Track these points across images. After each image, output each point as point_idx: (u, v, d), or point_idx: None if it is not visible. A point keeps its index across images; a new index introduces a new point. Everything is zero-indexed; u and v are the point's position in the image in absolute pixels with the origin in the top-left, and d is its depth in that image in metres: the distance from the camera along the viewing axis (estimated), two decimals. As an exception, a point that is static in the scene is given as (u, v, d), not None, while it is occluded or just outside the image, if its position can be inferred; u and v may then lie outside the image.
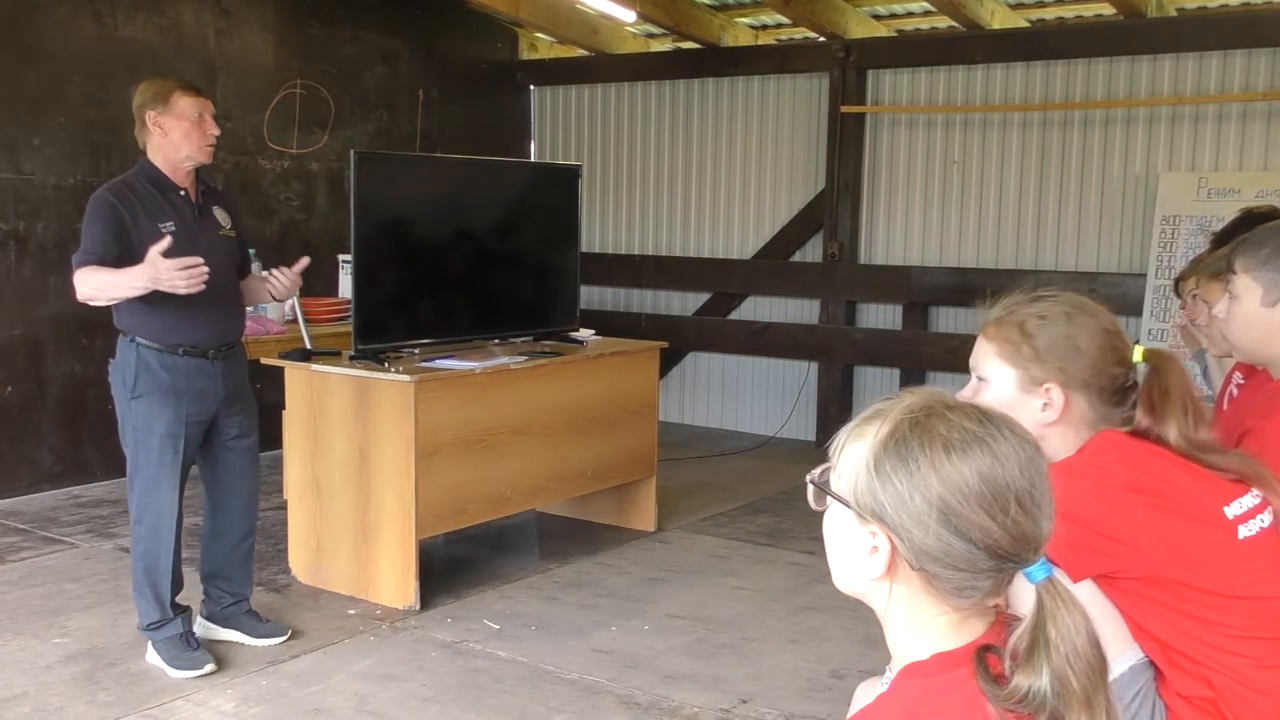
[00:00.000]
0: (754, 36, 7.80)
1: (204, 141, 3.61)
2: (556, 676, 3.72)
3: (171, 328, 3.58)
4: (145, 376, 3.58)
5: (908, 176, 7.07)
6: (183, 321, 3.58)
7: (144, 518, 3.65)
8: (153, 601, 3.67)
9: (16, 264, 5.69)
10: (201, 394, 3.66)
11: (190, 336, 3.62)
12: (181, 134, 3.58)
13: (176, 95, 3.58)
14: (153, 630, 3.70)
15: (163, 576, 3.67)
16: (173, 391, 3.60)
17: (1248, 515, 1.83)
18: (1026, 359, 1.90)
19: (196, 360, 3.64)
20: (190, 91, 3.61)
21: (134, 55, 6.01)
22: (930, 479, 1.24)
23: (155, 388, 3.58)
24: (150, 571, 3.67)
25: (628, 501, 5.40)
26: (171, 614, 3.69)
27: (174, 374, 3.60)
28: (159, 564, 3.66)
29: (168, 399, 3.59)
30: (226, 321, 3.75)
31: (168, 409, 3.59)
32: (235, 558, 3.91)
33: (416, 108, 7.50)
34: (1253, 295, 2.27)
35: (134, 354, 3.59)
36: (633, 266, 7.99)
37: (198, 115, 3.60)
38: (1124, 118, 6.41)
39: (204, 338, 3.65)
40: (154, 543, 3.65)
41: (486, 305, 4.96)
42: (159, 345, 3.59)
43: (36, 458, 5.83)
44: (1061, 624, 1.21)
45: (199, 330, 3.63)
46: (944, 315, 7.04)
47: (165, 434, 3.60)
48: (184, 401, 3.62)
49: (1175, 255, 6.02)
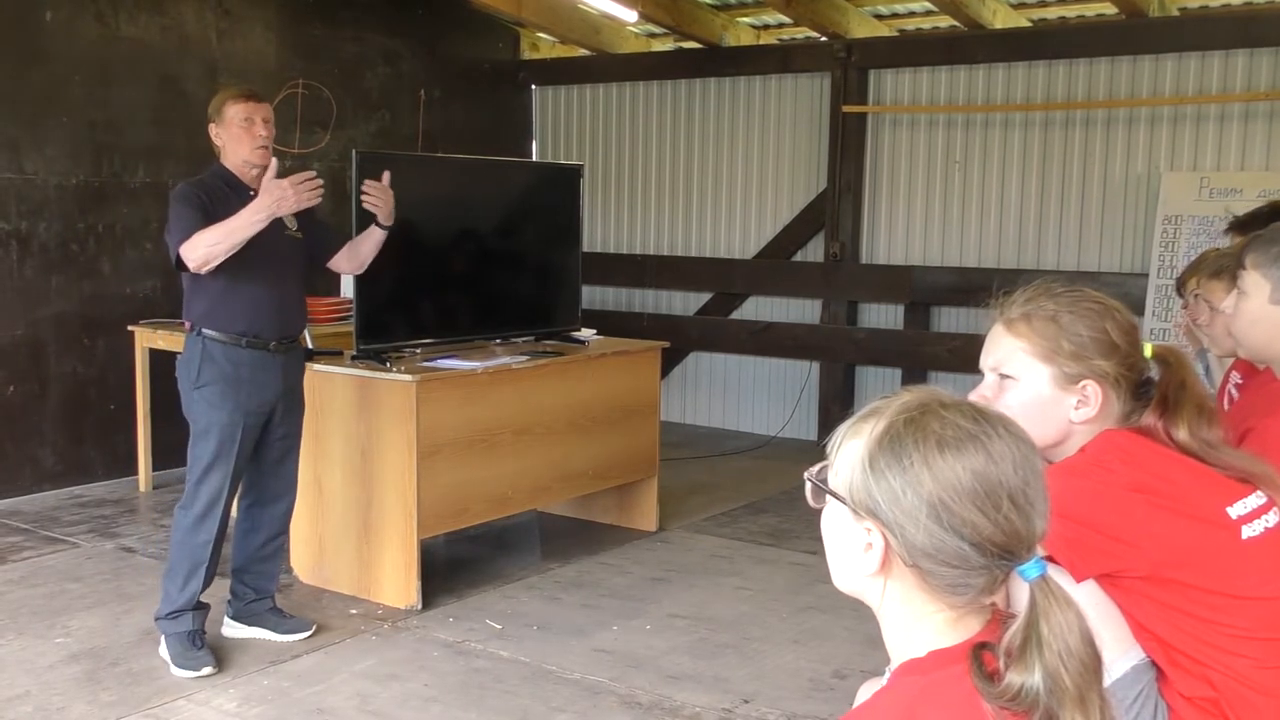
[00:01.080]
0: (755, 36, 7.80)
1: (254, 144, 3.74)
2: (558, 676, 3.72)
3: (237, 316, 3.69)
4: (209, 367, 3.69)
5: (909, 176, 7.07)
6: (248, 311, 3.70)
7: (192, 505, 3.72)
8: (181, 588, 3.71)
9: (19, 264, 5.69)
10: (262, 386, 3.75)
11: (254, 326, 3.73)
12: (233, 140, 3.75)
13: (227, 105, 3.76)
14: (169, 620, 3.73)
15: (199, 566, 3.71)
16: (234, 382, 3.70)
17: (1252, 515, 1.83)
18: (1065, 356, 1.84)
19: (259, 352, 3.74)
20: (239, 99, 3.75)
21: (136, 55, 6.02)
22: (923, 476, 1.24)
23: (219, 378, 3.69)
24: (190, 558, 3.71)
25: (629, 501, 5.40)
26: (192, 605, 3.73)
27: (236, 365, 3.70)
28: (198, 553, 3.71)
29: (229, 389, 3.69)
30: (289, 315, 3.86)
31: (229, 399, 3.69)
32: (264, 554, 3.97)
33: (418, 108, 7.50)
34: (1261, 292, 2.26)
35: (199, 346, 3.70)
36: (634, 266, 8.00)
37: (245, 120, 3.73)
38: (1126, 117, 6.41)
39: (267, 328, 3.75)
40: (197, 532, 3.71)
41: (488, 305, 4.97)
42: (224, 336, 3.69)
43: (38, 457, 5.83)
44: (1054, 622, 1.21)
45: (262, 320, 3.74)
46: (946, 315, 7.04)
47: (226, 423, 3.69)
48: (244, 392, 3.71)
49: (1177, 255, 6.02)
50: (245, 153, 3.73)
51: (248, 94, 3.79)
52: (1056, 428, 1.87)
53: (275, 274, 3.73)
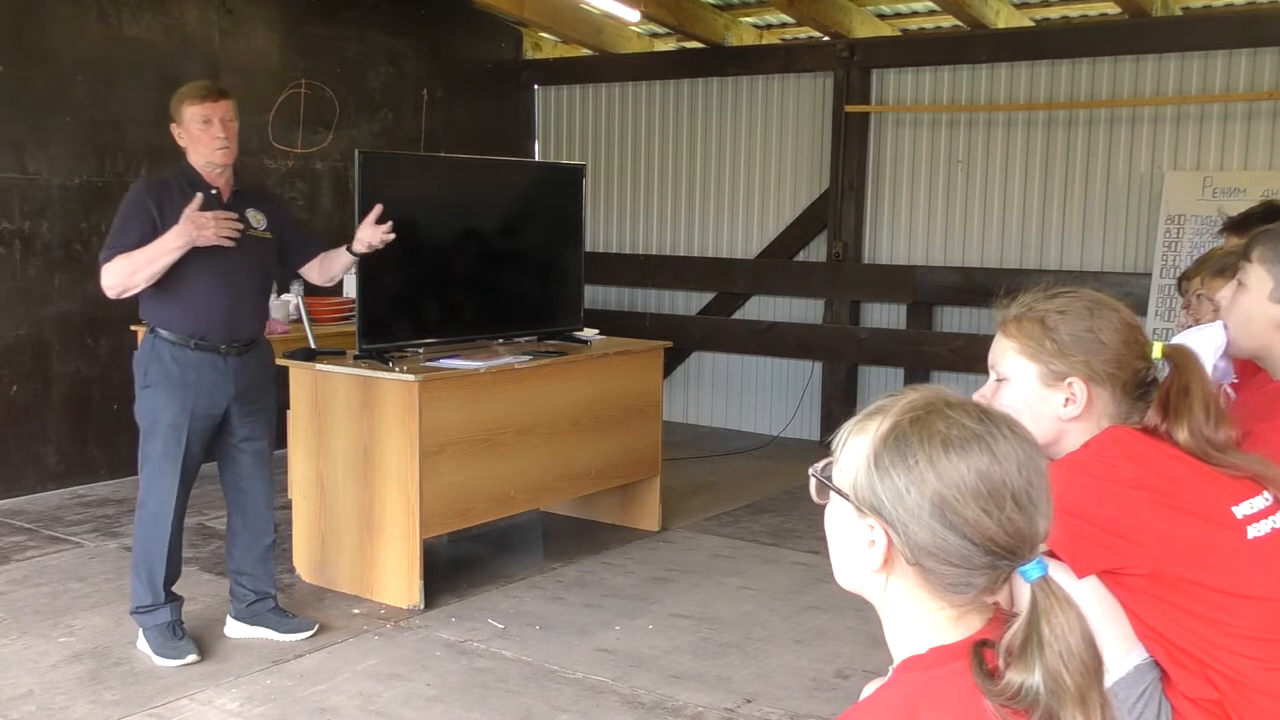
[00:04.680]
0: (758, 36, 7.79)
1: (214, 145, 3.70)
2: (561, 676, 3.73)
3: (187, 318, 3.67)
4: (155, 367, 3.68)
5: (912, 176, 7.06)
6: (198, 313, 3.67)
7: (147, 502, 3.75)
8: (146, 585, 3.76)
9: (22, 263, 5.70)
10: (211, 388, 3.72)
11: (204, 329, 3.69)
12: (193, 141, 3.71)
13: (185, 106, 3.71)
14: (143, 614, 3.77)
15: (158, 562, 3.74)
16: (180, 384, 3.68)
17: (1258, 516, 1.82)
18: (1049, 354, 1.88)
19: (208, 354, 3.71)
20: (196, 100, 3.70)
21: (139, 55, 6.03)
22: (928, 474, 1.25)
23: (163, 379, 3.67)
24: (147, 556, 3.75)
25: (632, 501, 5.40)
26: (163, 599, 3.76)
27: (183, 366, 3.68)
28: (156, 549, 3.74)
29: (174, 390, 3.67)
30: (243, 319, 3.81)
31: (174, 400, 3.67)
32: (253, 556, 3.96)
33: (421, 107, 7.50)
34: (1263, 287, 2.24)
35: (150, 345, 3.70)
36: (637, 266, 8.00)
37: (203, 121, 3.69)
38: (1129, 117, 6.40)
39: (217, 332, 3.72)
40: (153, 529, 3.74)
41: (491, 305, 4.97)
42: (174, 336, 3.68)
43: (42, 457, 5.84)
44: (1055, 622, 1.21)
45: (212, 322, 3.70)
46: (948, 315, 7.03)
47: (170, 424, 3.68)
48: (191, 394, 3.69)
49: (1180, 254, 6.01)
50: (206, 154, 3.70)
51: (204, 94, 3.72)
52: (1048, 426, 1.89)
53: (228, 276, 3.68)
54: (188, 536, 4.80)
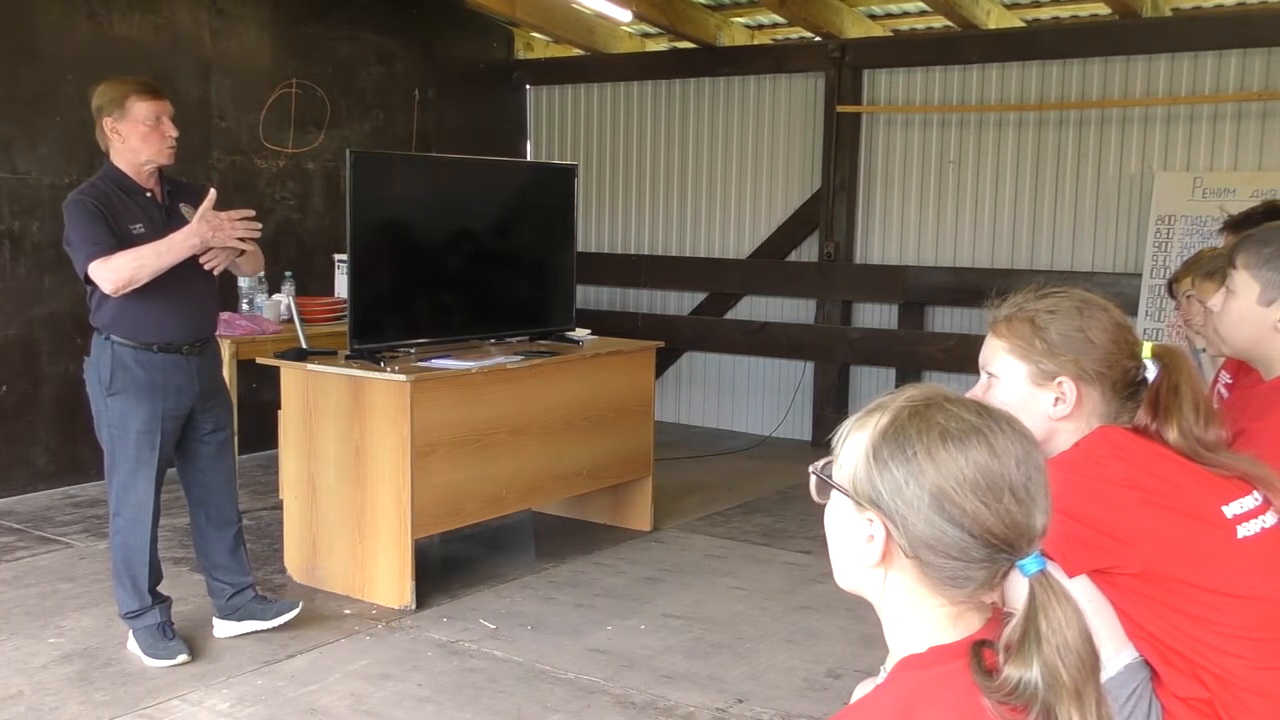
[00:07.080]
0: (750, 36, 7.80)
1: (163, 144, 3.60)
2: (552, 676, 3.72)
3: (147, 325, 3.61)
4: (121, 373, 3.63)
5: (903, 176, 7.07)
6: (157, 318, 3.62)
7: (122, 510, 3.71)
8: (131, 591, 3.74)
9: (11, 263, 5.68)
10: (178, 389, 3.70)
11: (165, 333, 3.65)
12: (139, 139, 3.58)
13: (132, 100, 3.56)
14: (132, 619, 3.76)
15: (140, 567, 3.73)
16: (149, 388, 3.64)
17: (1248, 515, 1.83)
18: (1039, 354, 1.90)
19: (172, 356, 3.68)
20: (146, 95, 3.58)
21: (129, 54, 6.00)
22: (926, 466, 1.26)
23: (131, 384, 3.63)
24: (129, 563, 3.73)
25: (624, 501, 5.40)
26: (150, 602, 3.75)
27: (150, 370, 3.64)
28: (137, 555, 3.72)
29: (144, 395, 3.63)
30: (200, 317, 3.77)
31: (144, 405, 3.64)
32: (224, 548, 3.94)
33: (413, 107, 7.50)
34: (1250, 292, 2.27)
35: (109, 351, 3.63)
36: (629, 266, 8.00)
37: (155, 119, 3.58)
38: (1119, 117, 6.42)
39: (178, 334, 3.68)
40: (132, 535, 3.71)
41: (483, 305, 4.96)
42: (134, 342, 3.62)
43: (31, 457, 5.82)
44: (1053, 617, 1.22)
45: (173, 326, 3.66)
46: (940, 315, 7.05)
47: (142, 430, 3.64)
48: (160, 397, 3.66)
49: (1170, 255, 6.03)
50: (152, 153, 3.58)
51: (154, 90, 3.62)
52: (1038, 426, 1.89)
53: (180, 277, 3.56)
54: (176, 538, 4.83)
